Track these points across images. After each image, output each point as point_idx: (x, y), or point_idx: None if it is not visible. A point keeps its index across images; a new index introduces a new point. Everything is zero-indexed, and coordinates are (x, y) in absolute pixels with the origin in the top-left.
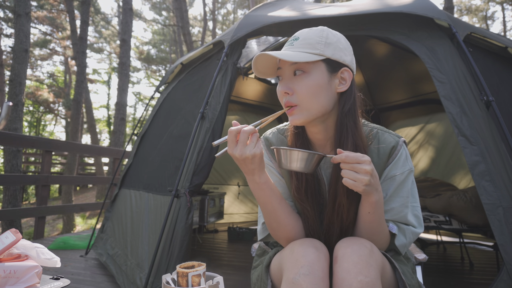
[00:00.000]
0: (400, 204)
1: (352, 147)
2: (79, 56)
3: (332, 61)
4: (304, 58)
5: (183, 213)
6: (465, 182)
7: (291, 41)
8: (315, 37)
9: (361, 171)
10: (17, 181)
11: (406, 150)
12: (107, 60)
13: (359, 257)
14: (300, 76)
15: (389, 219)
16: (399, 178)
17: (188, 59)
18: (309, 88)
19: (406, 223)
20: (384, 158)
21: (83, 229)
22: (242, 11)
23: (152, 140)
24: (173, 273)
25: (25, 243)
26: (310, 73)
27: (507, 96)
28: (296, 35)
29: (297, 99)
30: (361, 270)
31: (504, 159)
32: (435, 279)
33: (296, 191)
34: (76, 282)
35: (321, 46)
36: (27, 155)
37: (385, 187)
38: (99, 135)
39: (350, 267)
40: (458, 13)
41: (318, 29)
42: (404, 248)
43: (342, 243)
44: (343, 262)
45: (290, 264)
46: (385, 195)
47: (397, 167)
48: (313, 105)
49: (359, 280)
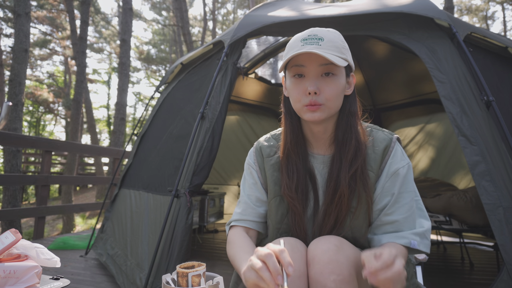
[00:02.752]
0: (410, 199)
1: (355, 144)
2: (79, 56)
3: (349, 66)
4: (343, 63)
5: (183, 213)
6: (465, 182)
7: (315, 40)
8: (338, 41)
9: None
10: (17, 181)
11: (401, 146)
12: (107, 60)
13: (329, 257)
14: (331, 78)
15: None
16: (402, 172)
17: (188, 59)
18: (336, 90)
19: (415, 221)
20: (379, 153)
21: (83, 229)
22: (242, 11)
23: (152, 140)
24: (173, 273)
25: (25, 243)
26: (338, 75)
27: (507, 96)
28: (318, 34)
29: (324, 99)
30: (333, 269)
31: (504, 159)
32: (435, 279)
33: (286, 188)
34: (76, 282)
35: (345, 51)
36: (27, 155)
37: (390, 185)
38: (99, 135)
39: (321, 268)
40: (458, 13)
41: (336, 33)
42: (428, 247)
43: (312, 245)
44: (314, 264)
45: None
46: (393, 193)
47: (397, 161)
48: (334, 106)
49: (332, 280)
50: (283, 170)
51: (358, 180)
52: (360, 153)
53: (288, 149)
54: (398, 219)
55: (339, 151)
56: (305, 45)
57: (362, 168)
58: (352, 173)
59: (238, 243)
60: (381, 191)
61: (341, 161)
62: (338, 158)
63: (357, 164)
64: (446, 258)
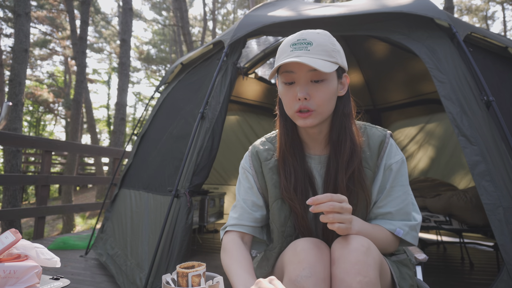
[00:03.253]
0: (403, 192)
1: (350, 145)
2: (79, 56)
3: (340, 68)
4: (331, 68)
5: (183, 213)
6: (465, 182)
7: (304, 44)
8: (328, 44)
9: (347, 210)
10: (17, 181)
11: (394, 142)
12: (107, 60)
13: (356, 257)
14: (320, 84)
15: (396, 220)
16: (395, 167)
17: (188, 59)
18: (326, 95)
19: (409, 214)
20: (375, 150)
21: (83, 229)
22: (242, 11)
23: (152, 140)
24: (173, 273)
25: (25, 243)
26: (328, 80)
27: (507, 96)
28: (307, 38)
29: (315, 105)
30: (360, 270)
31: (504, 159)
32: (435, 279)
33: (284, 190)
34: (76, 282)
35: (335, 54)
36: (27, 155)
37: (384, 179)
38: (99, 135)
39: (348, 268)
40: (458, 13)
41: (326, 35)
42: (416, 240)
43: (338, 244)
44: (340, 263)
45: (292, 265)
46: (386, 187)
47: (391, 157)
48: (326, 110)
49: (358, 281)
50: (280, 172)
51: (356, 181)
52: (356, 154)
53: (283, 151)
54: (390, 211)
55: (334, 152)
56: (294, 51)
57: (359, 169)
58: (350, 175)
59: (234, 254)
60: (379, 186)
61: (337, 162)
62: (334, 158)
63: (354, 166)
64: (446, 258)
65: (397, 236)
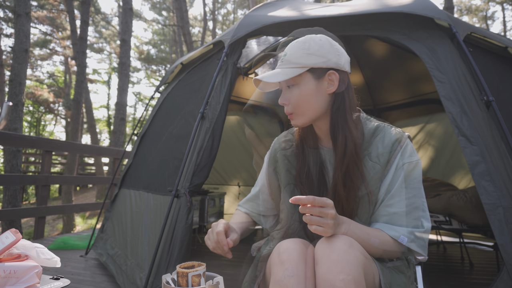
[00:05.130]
0: (413, 195)
1: (343, 141)
2: (79, 56)
3: (316, 69)
4: (287, 76)
5: (183, 213)
6: (465, 182)
7: (282, 57)
8: (298, 50)
9: (327, 216)
10: (17, 181)
11: (412, 144)
12: (107, 60)
13: (338, 255)
14: (292, 88)
15: (401, 224)
16: (407, 167)
17: (188, 59)
18: (300, 98)
19: (417, 219)
20: (388, 147)
21: (83, 229)
22: (242, 11)
23: (152, 140)
24: (173, 273)
25: (25, 243)
26: (299, 84)
27: (507, 96)
28: (286, 50)
29: (292, 108)
30: (342, 268)
31: (504, 159)
32: (435, 279)
33: (299, 174)
34: (76, 282)
35: (303, 59)
36: (27, 155)
37: (395, 177)
38: (99, 135)
39: (330, 267)
40: (458, 13)
41: (301, 41)
42: (424, 249)
43: (321, 243)
44: (323, 262)
45: (276, 267)
46: (395, 185)
47: (405, 156)
48: (306, 110)
49: (341, 279)
50: (297, 161)
51: (353, 175)
52: (348, 149)
53: (299, 142)
54: (397, 211)
55: (333, 146)
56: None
57: (356, 163)
58: (345, 169)
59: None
60: (388, 184)
61: (340, 158)
62: (334, 152)
63: (348, 160)
64: (446, 258)
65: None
